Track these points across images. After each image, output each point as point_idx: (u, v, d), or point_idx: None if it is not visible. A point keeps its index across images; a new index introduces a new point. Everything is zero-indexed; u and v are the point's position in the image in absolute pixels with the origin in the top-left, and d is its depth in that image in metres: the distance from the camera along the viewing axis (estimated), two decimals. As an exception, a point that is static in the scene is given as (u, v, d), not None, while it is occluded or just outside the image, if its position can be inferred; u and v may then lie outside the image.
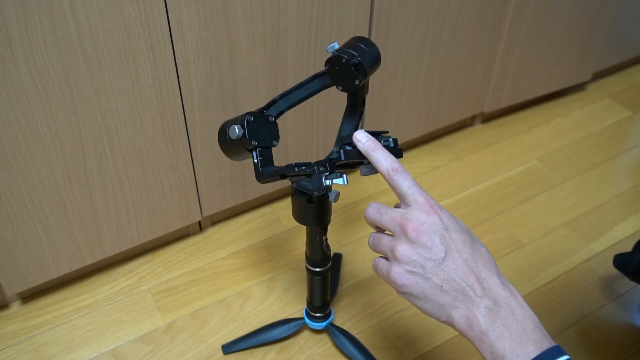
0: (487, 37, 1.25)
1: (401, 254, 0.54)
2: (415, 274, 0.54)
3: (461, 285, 0.53)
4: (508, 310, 0.52)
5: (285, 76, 1.01)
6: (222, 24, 0.89)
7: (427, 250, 0.53)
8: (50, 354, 0.96)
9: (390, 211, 0.57)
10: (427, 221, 0.54)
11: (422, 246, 0.54)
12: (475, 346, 0.53)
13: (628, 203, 1.25)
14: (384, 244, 0.57)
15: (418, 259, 0.54)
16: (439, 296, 0.53)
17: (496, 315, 0.52)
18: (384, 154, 0.58)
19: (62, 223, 0.94)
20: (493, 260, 0.56)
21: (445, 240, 0.54)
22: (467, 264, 0.53)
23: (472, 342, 0.53)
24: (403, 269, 0.54)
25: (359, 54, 0.68)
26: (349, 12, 1.01)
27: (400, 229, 0.55)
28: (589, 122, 1.49)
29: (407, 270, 0.54)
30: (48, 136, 0.84)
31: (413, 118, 1.28)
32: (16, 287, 0.97)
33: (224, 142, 0.72)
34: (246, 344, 0.96)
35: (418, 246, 0.54)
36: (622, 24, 1.51)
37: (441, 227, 0.54)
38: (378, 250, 0.59)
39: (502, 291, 0.53)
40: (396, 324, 1.01)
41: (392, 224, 0.56)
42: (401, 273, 0.55)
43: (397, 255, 0.55)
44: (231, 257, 1.13)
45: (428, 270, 0.53)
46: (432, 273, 0.53)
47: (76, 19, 0.76)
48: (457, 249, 0.54)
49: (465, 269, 0.53)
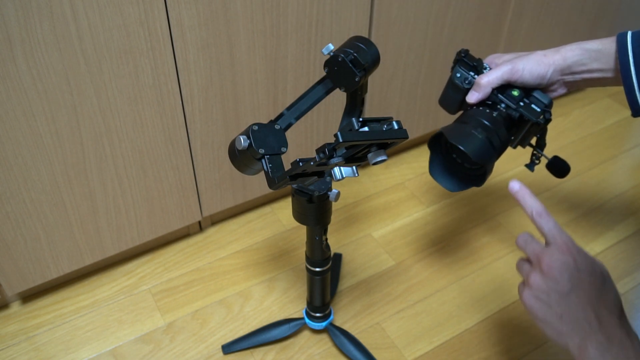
0: (487, 37, 1.25)
1: (533, 281, 0.62)
2: (541, 301, 0.62)
3: (579, 319, 0.60)
4: (620, 348, 0.59)
5: (285, 76, 1.01)
6: (222, 24, 0.89)
7: (555, 283, 0.61)
8: (50, 354, 0.96)
9: (534, 244, 0.65)
10: (561, 259, 0.61)
11: (551, 279, 0.61)
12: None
13: (628, 203, 1.25)
14: (524, 270, 0.66)
15: (545, 288, 0.61)
16: (559, 324, 0.61)
17: (607, 351, 0.58)
18: (531, 199, 0.67)
19: (62, 223, 0.94)
20: (620, 305, 0.62)
21: (573, 278, 0.60)
22: (589, 301, 0.60)
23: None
24: (532, 294, 0.62)
25: (354, 50, 0.68)
26: (349, 12, 1.01)
27: (537, 261, 0.63)
28: (589, 122, 1.49)
29: (534, 296, 0.62)
30: (48, 136, 0.84)
31: (413, 118, 1.28)
32: (16, 287, 0.97)
33: (234, 157, 0.72)
34: (246, 344, 0.96)
35: (548, 278, 0.61)
36: (622, 24, 1.51)
37: (573, 267, 0.61)
38: (520, 273, 0.67)
39: (619, 331, 0.60)
40: (396, 324, 1.01)
41: (533, 255, 0.64)
42: (529, 297, 0.63)
43: (530, 281, 0.63)
44: (231, 257, 1.13)
45: (552, 299, 0.61)
46: (555, 303, 0.61)
47: (76, 19, 0.76)
48: (583, 288, 0.60)
49: (586, 306, 0.60)
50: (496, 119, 0.78)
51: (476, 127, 0.76)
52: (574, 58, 0.76)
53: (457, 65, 0.82)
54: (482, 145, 0.75)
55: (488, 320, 1.02)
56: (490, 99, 0.80)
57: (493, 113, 0.78)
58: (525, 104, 0.79)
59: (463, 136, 0.75)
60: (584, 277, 0.61)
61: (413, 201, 1.25)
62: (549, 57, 0.77)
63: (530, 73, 0.77)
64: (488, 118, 0.78)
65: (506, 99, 0.79)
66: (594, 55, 0.75)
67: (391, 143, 0.61)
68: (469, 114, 0.80)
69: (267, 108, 1.03)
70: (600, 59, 0.75)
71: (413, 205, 1.24)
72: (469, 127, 0.76)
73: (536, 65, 0.77)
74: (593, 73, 0.76)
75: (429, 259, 1.12)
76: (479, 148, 0.74)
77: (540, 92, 0.79)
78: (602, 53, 0.75)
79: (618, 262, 1.11)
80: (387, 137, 0.59)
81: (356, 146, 0.60)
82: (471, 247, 1.15)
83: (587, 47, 0.76)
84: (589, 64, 0.76)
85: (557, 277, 0.61)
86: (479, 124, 0.77)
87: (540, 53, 0.78)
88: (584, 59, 0.76)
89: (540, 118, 0.78)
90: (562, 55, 0.77)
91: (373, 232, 1.18)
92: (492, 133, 0.76)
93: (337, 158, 0.61)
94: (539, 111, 0.78)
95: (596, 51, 0.75)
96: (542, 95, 0.79)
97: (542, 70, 0.77)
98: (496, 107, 0.79)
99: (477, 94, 0.79)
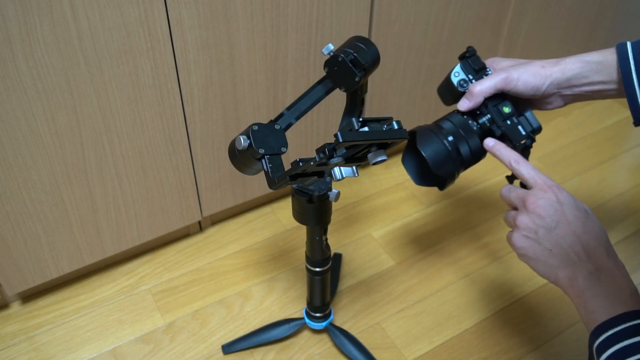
0: (487, 37, 1.25)
1: (520, 222, 0.66)
2: (529, 239, 0.65)
3: (567, 251, 0.63)
4: (609, 277, 0.61)
5: (285, 76, 1.01)
6: (222, 24, 0.89)
7: (540, 219, 0.64)
8: (50, 354, 0.96)
9: (518, 190, 0.69)
10: (544, 197, 0.65)
11: (537, 216, 0.65)
12: (574, 303, 0.63)
13: (628, 203, 1.25)
14: (510, 216, 0.69)
15: (533, 226, 0.65)
16: (549, 258, 0.64)
17: (596, 279, 0.61)
18: (507, 150, 0.72)
19: (62, 223, 0.94)
20: (606, 237, 0.65)
21: (557, 213, 0.64)
22: (575, 234, 0.63)
23: (572, 300, 0.63)
24: (520, 234, 0.66)
25: (354, 50, 0.68)
26: (349, 12, 1.01)
27: (522, 203, 0.67)
28: (589, 121, 1.49)
29: (523, 236, 0.66)
30: (48, 136, 0.84)
31: (413, 118, 1.28)
32: (16, 287, 0.97)
33: (235, 157, 0.72)
34: (246, 344, 0.96)
35: (534, 216, 0.65)
36: (622, 24, 1.51)
37: (555, 202, 0.65)
38: (507, 223, 0.70)
39: (607, 261, 0.62)
40: (396, 323, 1.01)
41: (517, 199, 0.68)
42: (518, 238, 0.66)
43: (517, 223, 0.67)
44: (231, 257, 1.13)
45: (540, 236, 0.64)
46: (544, 239, 0.64)
47: (76, 19, 0.76)
48: (568, 221, 0.64)
49: (573, 238, 0.63)
50: (471, 128, 0.77)
51: (447, 136, 0.76)
52: (574, 71, 0.74)
53: (460, 63, 0.80)
54: (444, 156, 0.75)
55: (488, 320, 1.02)
56: (478, 109, 0.78)
57: (473, 124, 0.77)
58: (512, 123, 0.77)
59: (429, 143, 0.75)
60: (567, 211, 0.65)
61: (413, 201, 1.25)
62: (547, 69, 0.75)
63: (525, 84, 0.74)
64: (464, 126, 0.77)
65: (494, 113, 0.77)
66: (595, 68, 0.74)
67: (391, 143, 0.61)
68: (449, 118, 0.79)
69: (267, 108, 1.03)
70: (601, 70, 0.73)
71: (413, 205, 1.24)
72: (440, 135, 0.76)
73: (532, 76, 0.74)
74: (594, 85, 0.75)
75: (429, 259, 1.12)
76: (440, 159, 0.75)
77: (532, 114, 0.77)
78: (604, 65, 0.73)
79: (618, 262, 1.11)
80: (387, 137, 0.59)
81: (356, 146, 0.60)
82: (471, 247, 1.15)
83: (588, 60, 0.74)
84: (590, 77, 0.74)
85: (543, 213, 0.64)
86: (451, 133, 0.76)
87: (539, 64, 0.76)
88: (585, 71, 0.74)
89: (521, 142, 0.76)
90: (561, 68, 0.75)
91: (373, 232, 1.18)
92: (463, 142, 0.76)
93: (337, 158, 0.61)
94: (522, 134, 0.77)
95: (597, 63, 0.74)
96: (533, 119, 0.77)
97: (538, 82, 0.74)
98: (480, 117, 0.78)
99: (468, 102, 0.77)
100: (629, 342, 0.56)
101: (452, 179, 0.79)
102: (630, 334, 0.56)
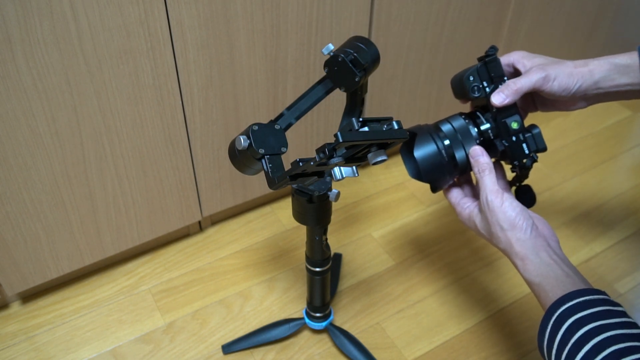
0: (487, 37, 1.25)
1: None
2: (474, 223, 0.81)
3: None
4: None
5: (285, 76, 1.01)
6: (222, 24, 0.89)
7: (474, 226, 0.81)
8: (50, 354, 0.96)
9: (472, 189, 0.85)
10: (463, 213, 0.82)
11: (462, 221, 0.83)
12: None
13: (628, 203, 1.25)
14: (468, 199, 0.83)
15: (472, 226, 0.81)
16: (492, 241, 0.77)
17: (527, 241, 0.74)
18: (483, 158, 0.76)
19: (62, 223, 0.94)
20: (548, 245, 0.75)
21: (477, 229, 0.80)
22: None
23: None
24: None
25: (354, 50, 0.68)
26: (349, 12, 1.01)
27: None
28: (589, 121, 1.49)
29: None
30: (48, 136, 0.84)
31: (413, 118, 1.28)
32: (16, 287, 0.97)
33: (234, 157, 0.72)
34: (246, 344, 0.96)
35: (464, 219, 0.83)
36: (622, 24, 1.51)
37: (469, 221, 0.81)
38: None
39: None
40: (396, 324, 1.01)
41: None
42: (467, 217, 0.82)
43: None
44: (231, 257, 1.13)
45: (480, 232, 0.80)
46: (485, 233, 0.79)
47: (76, 19, 0.76)
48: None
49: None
50: (470, 134, 0.77)
51: (443, 139, 0.76)
52: (602, 73, 0.74)
53: (477, 66, 0.77)
54: (437, 166, 0.76)
55: (488, 320, 1.02)
56: (482, 114, 0.77)
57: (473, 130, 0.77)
58: (517, 139, 0.76)
59: (424, 148, 0.76)
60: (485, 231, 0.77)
61: (413, 201, 1.25)
62: (579, 69, 0.74)
63: (560, 85, 0.73)
64: (463, 131, 0.77)
65: (501, 127, 0.76)
66: (623, 70, 0.74)
67: (391, 143, 0.61)
68: (450, 120, 0.78)
69: (267, 108, 1.03)
70: (628, 73, 0.74)
71: (413, 205, 1.24)
72: (437, 140, 0.76)
73: (567, 77, 0.73)
74: (620, 87, 0.75)
75: (429, 259, 1.12)
76: (432, 169, 0.76)
77: (540, 133, 0.76)
78: (631, 67, 0.74)
79: (618, 262, 1.11)
80: (387, 137, 0.59)
81: (356, 146, 0.60)
82: (471, 247, 1.15)
83: (616, 62, 0.74)
84: (617, 79, 0.74)
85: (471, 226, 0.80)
86: (448, 136, 0.76)
87: (571, 64, 0.75)
88: (612, 74, 0.74)
89: (524, 161, 0.76)
90: (589, 69, 0.74)
91: (373, 232, 1.18)
92: (460, 147, 0.76)
93: (337, 158, 0.61)
94: (525, 153, 0.76)
95: (625, 66, 0.74)
96: (539, 138, 0.76)
97: (571, 83, 0.74)
98: (482, 124, 0.77)
99: (504, 96, 0.74)
100: (584, 313, 0.61)
101: (442, 185, 0.79)
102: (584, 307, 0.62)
